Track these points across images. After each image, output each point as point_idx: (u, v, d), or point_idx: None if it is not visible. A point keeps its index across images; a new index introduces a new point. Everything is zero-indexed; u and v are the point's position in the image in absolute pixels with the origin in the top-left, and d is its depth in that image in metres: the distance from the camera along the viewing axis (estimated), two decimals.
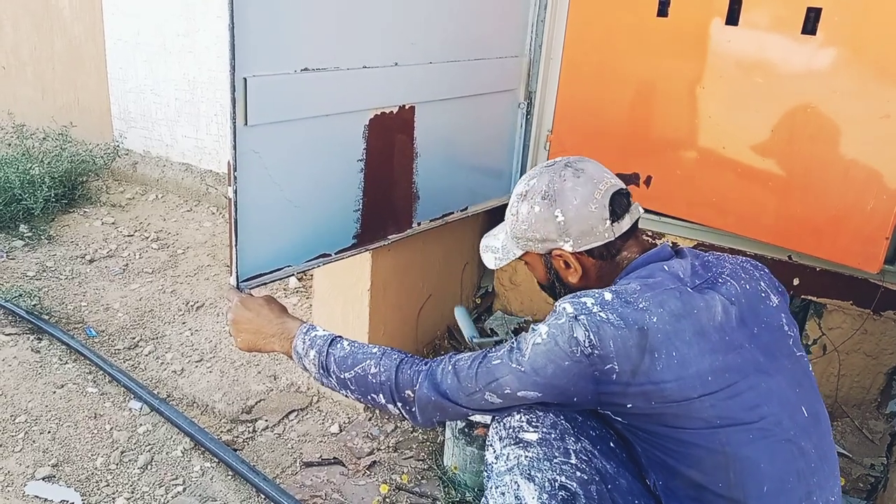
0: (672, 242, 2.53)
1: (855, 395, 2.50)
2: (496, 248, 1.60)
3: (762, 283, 1.43)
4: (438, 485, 2.20)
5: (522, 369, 1.30)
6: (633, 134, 2.45)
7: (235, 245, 1.74)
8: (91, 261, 3.48)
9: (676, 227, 2.51)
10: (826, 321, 2.43)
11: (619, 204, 1.42)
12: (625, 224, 1.43)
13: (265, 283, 1.88)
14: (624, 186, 1.45)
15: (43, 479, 2.11)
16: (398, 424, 2.44)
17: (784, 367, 1.34)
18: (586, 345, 1.24)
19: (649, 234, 2.56)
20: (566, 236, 1.42)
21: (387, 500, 2.14)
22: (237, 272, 1.78)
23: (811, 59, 2.08)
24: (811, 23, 2.04)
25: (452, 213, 2.47)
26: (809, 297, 2.40)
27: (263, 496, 2.09)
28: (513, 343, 1.35)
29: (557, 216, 1.42)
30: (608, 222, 1.41)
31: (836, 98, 2.07)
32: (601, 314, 1.26)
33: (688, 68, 2.29)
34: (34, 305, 2.94)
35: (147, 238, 3.78)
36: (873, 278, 2.26)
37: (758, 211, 2.27)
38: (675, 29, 2.28)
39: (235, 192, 1.70)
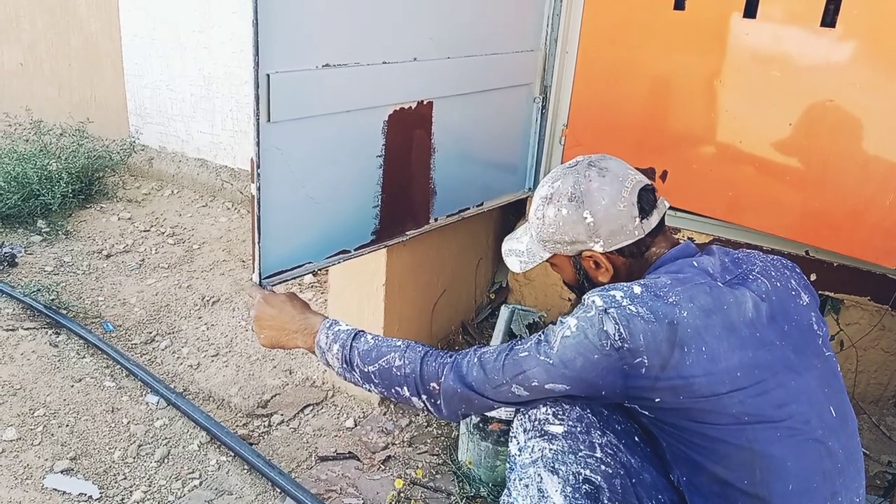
0: (689, 238, 2.52)
1: (872, 392, 2.48)
2: (520, 252, 1.59)
3: (792, 282, 1.41)
4: (453, 480, 2.20)
5: (551, 362, 1.29)
6: (649, 128, 2.44)
7: (258, 242, 1.74)
8: (108, 256, 3.51)
9: (692, 221, 2.49)
10: (843, 317, 2.41)
11: (646, 200, 1.41)
12: (653, 220, 1.42)
13: (286, 280, 1.88)
14: (649, 182, 1.44)
15: (61, 472, 2.13)
16: (412, 419, 2.45)
17: (814, 366, 1.33)
18: (616, 338, 1.23)
19: None
20: (596, 237, 1.41)
21: (401, 494, 2.14)
22: (260, 269, 1.78)
23: (830, 51, 2.06)
24: (830, 15, 2.02)
25: (468, 208, 2.47)
26: (827, 293, 2.39)
27: (279, 490, 2.10)
28: (540, 335, 1.34)
29: (586, 217, 1.40)
30: (637, 220, 1.40)
31: (855, 91, 2.05)
32: (631, 307, 1.25)
33: (705, 62, 2.28)
34: (52, 300, 2.96)
35: (163, 233, 3.80)
36: (892, 273, 2.24)
37: (775, 206, 2.26)
38: (692, 22, 2.26)
39: (259, 188, 1.70)
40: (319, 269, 2.01)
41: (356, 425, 2.42)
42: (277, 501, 2.09)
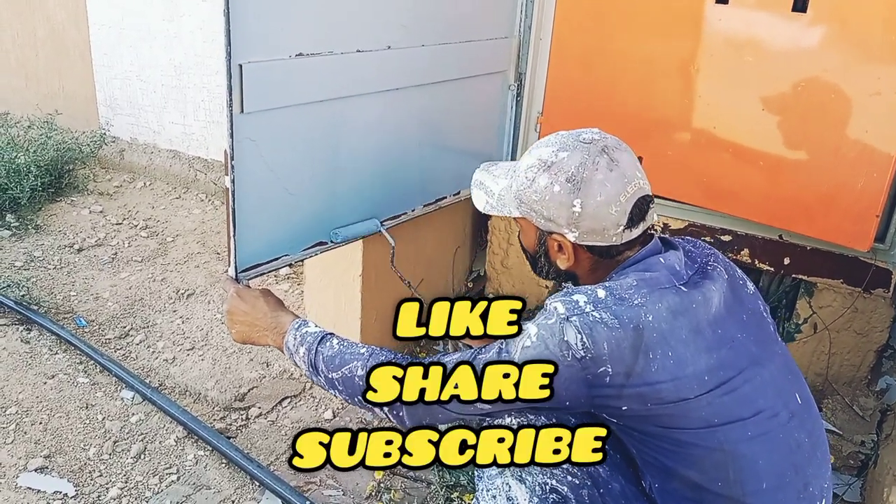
0: (664, 223, 2.53)
1: (845, 373, 2.51)
2: (492, 193, 1.46)
3: (738, 271, 1.40)
4: (433, 469, 2.20)
5: None
6: (624, 115, 2.44)
7: (234, 235, 1.73)
8: (79, 250, 3.45)
9: (668, 207, 2.50)
10: (817, 300, 2.44)
11: (638, 212, 1.30)
12: (636, 232, 1.32)
13: (263, 273, 1.87)
14: (649, 193, 1.34)
15: (35, 470, 2.10)
16: None
17: (776, 354, 1.33)
18: (578, 347, 1.19)
19: None
20: (574, 228, 1.31)
21: (381, 485, 2.14)
22: (235, 263, 1.76)
23: (802, 36, 2.07)
24: (801, 0, 2.03)
25: (445, 197, 2.46)
26: (800, 276, 2.41)
27: (258, 483, 2.09)
28: (501, 344, 1.30)
29: (575, 206, 1.29)
30: (621, 228, 1.30)
31: (826, 76, 2.06)
32: (594, 314, 1.21)
33: (678, 48, 2.28)
34: (23, 296, 2.91)
35: (136, 226, 3.75)
36: (864, 256, 2.26)
37: (749, 190, 2.27)
38: (666, 8, 2.26)
39: (233, 181, 1.67)
40: (296, 262, 1.99)
41: (335, 416, 2.41)
42: (256, 495, 2.08)
